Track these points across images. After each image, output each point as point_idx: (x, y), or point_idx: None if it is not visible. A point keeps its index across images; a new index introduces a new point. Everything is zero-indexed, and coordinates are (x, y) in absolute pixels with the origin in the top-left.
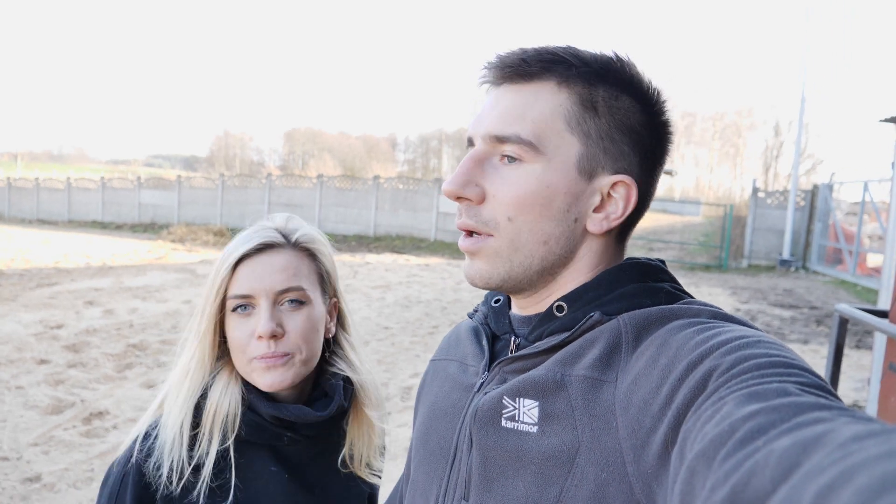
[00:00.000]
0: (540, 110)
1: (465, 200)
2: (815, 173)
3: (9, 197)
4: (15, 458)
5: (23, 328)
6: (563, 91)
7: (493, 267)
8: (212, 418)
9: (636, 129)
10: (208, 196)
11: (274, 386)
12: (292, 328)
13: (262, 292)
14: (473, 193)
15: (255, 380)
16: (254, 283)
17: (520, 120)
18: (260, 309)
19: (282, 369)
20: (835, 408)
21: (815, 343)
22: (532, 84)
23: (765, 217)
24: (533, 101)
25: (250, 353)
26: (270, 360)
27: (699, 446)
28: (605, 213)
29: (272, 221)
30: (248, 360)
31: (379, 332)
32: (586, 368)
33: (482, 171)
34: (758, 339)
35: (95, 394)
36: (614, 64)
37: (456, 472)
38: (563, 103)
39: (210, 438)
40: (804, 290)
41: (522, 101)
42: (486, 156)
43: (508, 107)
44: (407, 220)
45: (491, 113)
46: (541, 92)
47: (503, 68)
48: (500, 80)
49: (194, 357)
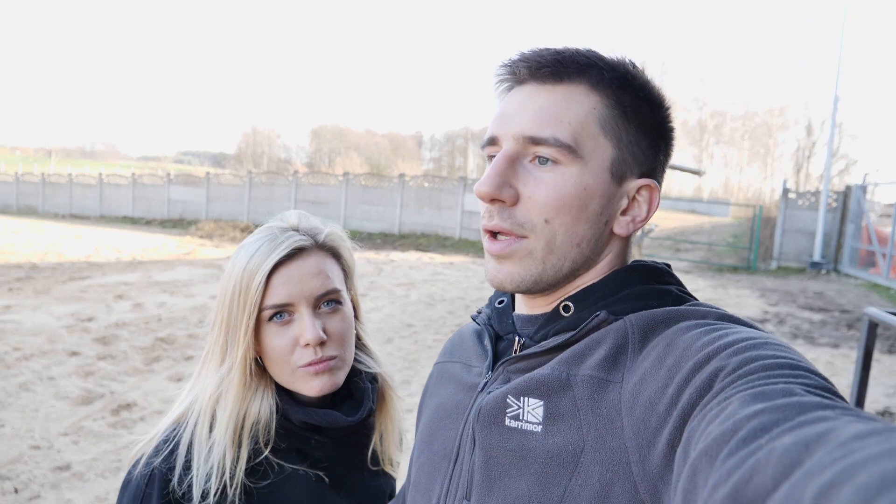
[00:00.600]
0: (576, 113)
1: (499, 202)
2: (848, 174)
3: (43, 192)
4: (46, 447)
5: (55, 320)
6: (596, 95)
7: (525, 269)
8: (252, 428)
9: (654, 134)
10: (236, 193)
11: (324, 390)
12: (333, 330)
13: (302, 299)
14: (508, 195)
15: (301, 387)
16: (292, 290)
17: (556, 122)
18: (301, 316)
19: (329, 374)
20: (838, 407)
21: (846, 347)
22: (563, 86)
23: (795, 218)
24: (567, 103)
25: (295, 361)
26: (318, 367)
27: (702, 445)
28: (631, 216)
29: (286, 221)
30: (292, 368)
31: (402, 329)
32: (592, 368)
33: (514, 173)
34: (765, 341)
35: (124, 386)
36: (633, 70)
37: (458, 471)
38: (597, 107)
39: (239, 447)
40: (835, 293)
41: (556, 102)
42: (517, 156)
43: (542, 107)
44: (432, 218)
45: (521, 112)
46: (574, 94)
47: (537, 66)
48: (527, 79)
49: (234, 375)
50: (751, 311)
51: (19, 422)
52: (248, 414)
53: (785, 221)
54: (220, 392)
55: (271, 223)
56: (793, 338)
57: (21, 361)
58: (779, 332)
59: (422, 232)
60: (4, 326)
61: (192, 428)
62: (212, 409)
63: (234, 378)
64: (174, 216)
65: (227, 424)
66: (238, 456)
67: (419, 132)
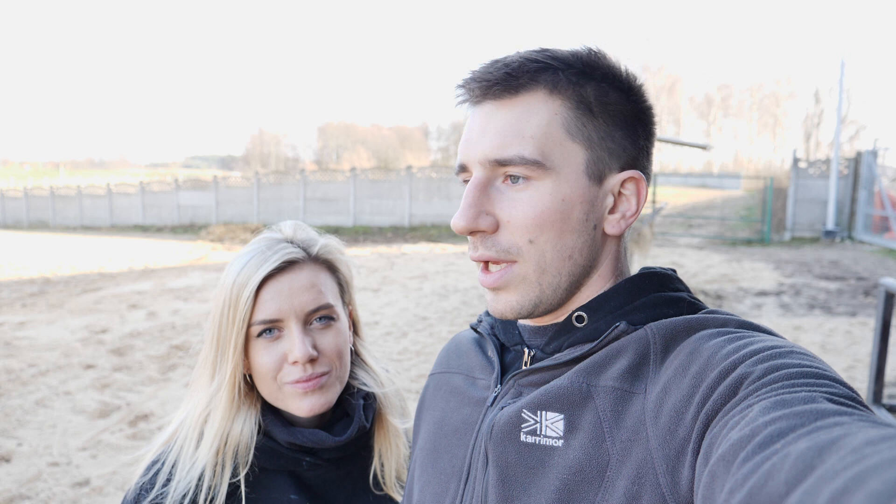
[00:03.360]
0: (537, 124)
1: (480, 232)
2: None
3: (53, 205)
4: (65, 464)
5: (70, 334)
6: (556, 98)
7: (523, 295)
8: (233, 449)
9: (628, 120)
10: (245, 194)
11: (314, 410)
12: (325, 347)
13: (292, 314)
14: (487, 224)
15: (290, 405)
16: (282, 305)
17: (518, 139)
18: (290, 332)
19: (319, 392)
20: (855, 414)
21: (864, 315)
22: (520, 97)
23: (807, 188)
24: (527, 116)
25: (283, 378)
26: (308, 384)
27: (721, 450)
28: (620, 213)
29: (280, 232)
30: (279, 385)
31: (417, 322)
32: (614, 380)
33: (489, 198)
34: (790, 350)
35: (140, 396)
36: (592, 58)
37: (470, 491)
38: (559, 111)
39: (223, 469)
40: (850, 261)
41: (515, 118)
42: (488, 181)
43: (502, 126)
44: (442, 208)
45: (483, 135)
46: (532, 104)
47: (487, 85)
48: (483, 98)
49: (222, 394)
50: (766, 283)
51: (37, 439)
52: (231, 434)
53: (797, 191)
54: (209, 410)
55: (266, 233)
56: (809, 308)
57: (37, 377)
58: (795, 303)
59: (432, 223)
60: (20, 343)
61: (179, 446)
62: (200, 427)
63: (222, 396)
64: (184, 221)
65: (211, 442)
66: (220, 476)
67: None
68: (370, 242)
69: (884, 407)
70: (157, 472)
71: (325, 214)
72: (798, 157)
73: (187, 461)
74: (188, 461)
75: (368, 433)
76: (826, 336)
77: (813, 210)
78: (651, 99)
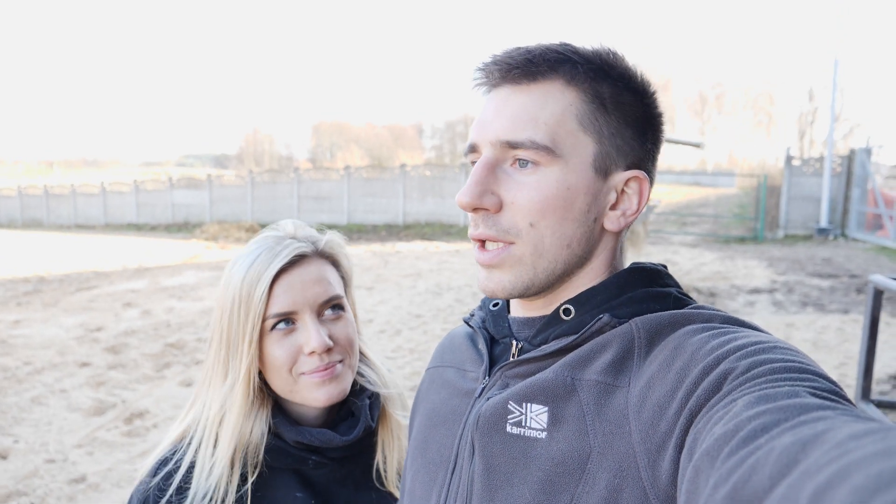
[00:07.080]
0: (552, 112)
1: (483, 210)
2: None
3: (47, 204)
4: (61, 460)
5: (64, 332)
6: (572, 90)
7: (516, 276)
8: (245, 449)
9: (639, 122)
10: (239, 193)
11: (331, 399)
12: (338, 336)
13: (306, 306)
14: (491, 203)
15: (306, 397)
16: (295, 297)
17: (532, 123)
18: (305, 323)
19: (335, 381)
20: (839, 408)
21: (856, 313)
22: (538, 84)
23: (800, 185)
24: (542, 103)
25: (298, 369)
26: (324, 374)
27: (705, 445)
28: (621, 210)
29: (281, 230)
30: (295, 378)
31: (411, 320)
32: (598, 373)
33: (495, 179)
34: (774, 345)
35: (135, 394)
36: (612, 58)
37: (456, 480)
38: (574, 103)
39: (233, 468)
40: (843, 259)
41: (531, 103)
42: (497, 162)
43: (518, 109)
44: (435, 206)
45: (497, 117)
46: (549, 92)
47: (507, 68)
48: (501, 82)
49: (237, 391)
50: (759, 281)
51: (33, 436)
52: (246, 434)
53: (790, 189)
54: (224, 411)
55: (265, 233)
56: (802, 306)
57: (33, 375)
58: (788, 300)
59: (426, 221)
60: (15, 341)
61: (194, 449)
62: (215, 429)
63: (237, 393)
64: (178, 220)
65: (228, 444)
66: (231, 477)
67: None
68: (364, 241)
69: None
70: (171, 474)
71: (319, 213)
72: (792, 154)
73: (206, 464)
74: (206, 464)
75: (372, 430)
76: (818, 333)
77: (806, 208)
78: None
